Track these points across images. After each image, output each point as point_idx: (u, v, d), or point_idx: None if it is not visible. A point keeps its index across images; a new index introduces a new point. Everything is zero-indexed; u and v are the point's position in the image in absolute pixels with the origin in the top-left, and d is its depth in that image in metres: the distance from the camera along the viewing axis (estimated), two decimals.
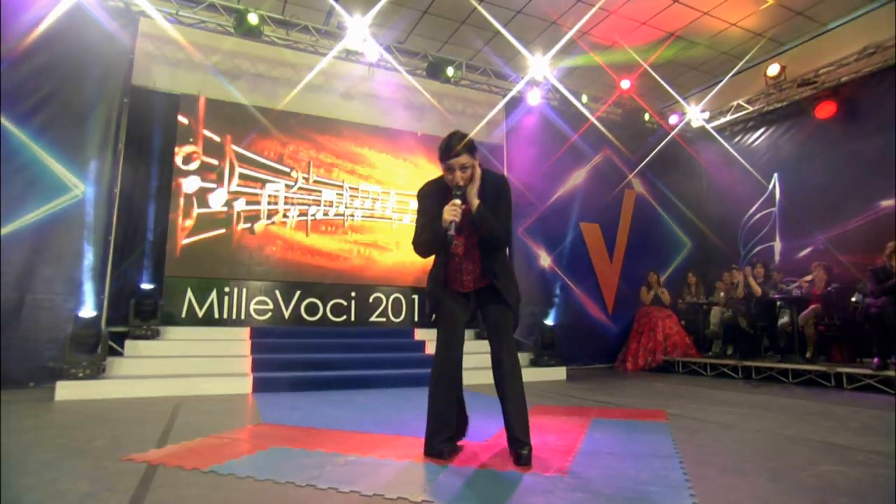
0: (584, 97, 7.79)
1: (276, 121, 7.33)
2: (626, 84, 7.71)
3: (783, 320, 6.25)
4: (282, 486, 2.09)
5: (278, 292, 7.20)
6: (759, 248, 7.69)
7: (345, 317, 7.53)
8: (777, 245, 7.46)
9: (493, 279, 2.56)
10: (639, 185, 8.45)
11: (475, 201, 2.47)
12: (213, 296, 6.81)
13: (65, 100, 5.37)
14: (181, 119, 6.88)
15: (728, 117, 8.21)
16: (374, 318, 7.68)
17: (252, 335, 6.00)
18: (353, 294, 7.63)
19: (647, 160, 8.29)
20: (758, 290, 6.18)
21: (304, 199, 7.48)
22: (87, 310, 4.82)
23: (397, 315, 7.82)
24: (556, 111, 7.80)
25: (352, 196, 7.76)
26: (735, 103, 8.04)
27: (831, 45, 6.94)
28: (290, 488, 2.06)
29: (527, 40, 7.13)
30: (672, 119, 8.29)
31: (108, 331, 5.00)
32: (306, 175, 7.52)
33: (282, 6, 6.71)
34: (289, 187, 7.38)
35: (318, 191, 7.57)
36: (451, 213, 2.38)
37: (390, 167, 7.96)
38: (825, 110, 7.00)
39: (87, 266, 5.12)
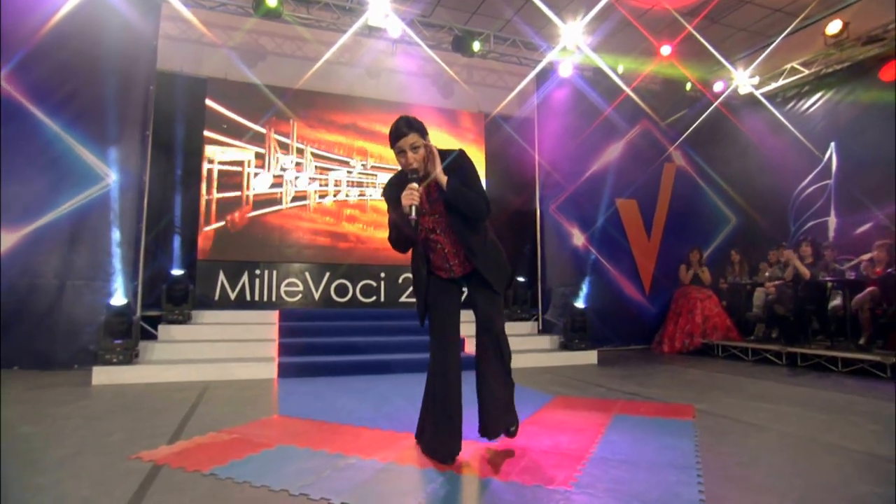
0: (620, 67, 7.33)
1: (302, 101, 7.29)
2: (666, 50, 7.19)
3: (835, 302, 5.80)
4: (275, 493, 2.07)
5: (308, 274, 7.29)
6: (811, 224, 7.14)
7: (374, 297, 7.56)
8: (832, 221, 6.90)
9: (473, 258, 2.48)
10: (679, 159, 7.98)
11: (443, 178, 2.37)
12: (245, 279, 6.96)
13: (93, 90, 5.45)
14: (209, 102, 6.94)
15: (780, 82, 7.56)
16: (403, 299, 7.69)
17: (281, 318, 6.09)
18: (383, 275, 7.64)
19: (688, 132, 7.79)
20: (806, 272, 5.74)
21: (331, 179, 7.46)
22: (118, 298, 4.98)
23: None
24: (590, 82, 7.38)
25: (349, 172, 7.66)
26: (788, 66, 7.39)
27: None
28: (283, 497, 2.04)
29: (559, 7, 6.72)
30: (717, 86, 7.71)
31: (139, 318, 5.17)
32: (334, 155, 7.49)
33: None
34: (317, 168, 7.37)
35: (345, 171, 7.53)
36: (409, 197, 2.30)
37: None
38: (892, 71, 6.32)
39: (117, 254, 5.27)
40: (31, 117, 5.27)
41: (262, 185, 7.10)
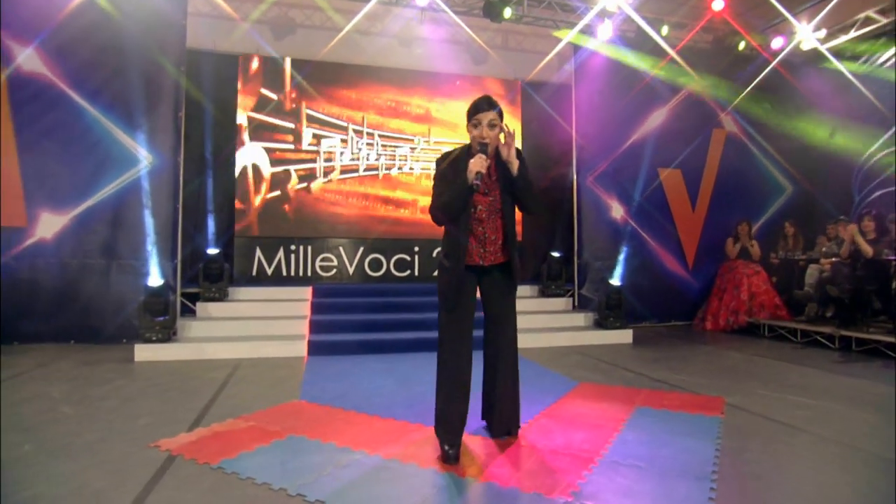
0: (665, 28, 6.78)
1: (331, 73, 7.21)
2: (718, 4, 6.57)
3: None
4: (274, 493, 2.11)
5: (342, 249, 7.36)
6: (878, 194, 6.53)
7: (408, 272, 7.58)
8: None
9: (510, 246, 2.59)
10: (730, 124, 7.41)
11: (515, 161, 2.46)
12: (281, 254, 7.11)
13: (126, 75, 5.55)
14: (240, 79, 6.97)
15: (850, 34, 6.79)
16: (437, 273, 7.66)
17: (314, 295, 6.20)
18: (417, 249, 7.62)
19: (742, 95, 7.19)
20: (868, 250, 5.26)
21: (363, 153, 7.42)
22: (155, 278, 5.19)
23: None
24: (631, 45, 6.89)
25: (412, 147, 7.58)
26: (861, 16, 6.61)
27: None
28: (281, 497, 2.08)
29: None
30: (775, 42, 7.02)
31: (178, 296, 5.39)
32: (366, 129, 7.42)
33: None
34: (344, 142, 7.34)
35: (378, 144, 7.46)
36: (479, 164, 2.35)
37: (451, 115, 7.64)
38: None
39: (153, 235, 5.48)
40: (72, 103, 5.46)
41: (297, 160, 7.15)
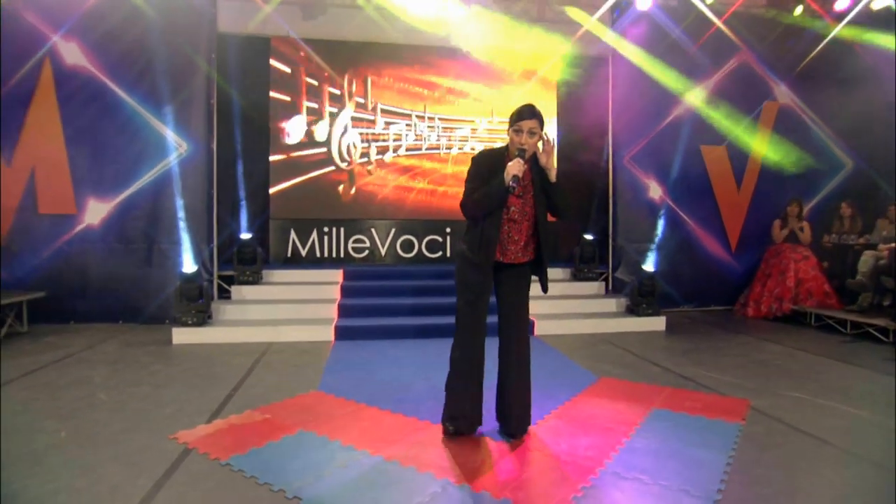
0: None
1: (362, 53, 7.13)
2: None
3: None
4: (273, 494, 2.20)
5: (374, 230, 7.42)
6: None
7: (440, 252, 7.58)
8: None
9: (542, 249, 2.73)
10: (784, 96, 6.86)
11: (554, 168, 2.62)
12: (314, 236, 7.24)
13: (160, 65, 5.71)
14: (273, 62, 7.01)
15: None
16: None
17: (344, 277, 6.31)
18: (449, 230, 7.58)
19: (801, 64, 6.63)
20: None
21: (396, 134, 7.37)
22: (188, 265, 5.42)
23: None
24: (674, 14, 6.43)
25: (445, 128, 7.47)
26: None
27: None
28: (279, 499, 2.16)
29: None
30: (839, 3, 6.37)
31: (210, 282, 5.63)
32: (397, 108, 7.35)
33: None
34: (374, 122, 7.30)
35: (411, 125, 7.39)
36: (516, 167, 2.49)
37: (484, 93, 7.46)
38: None
39: (190, 220, 5.70)
40: (112, 95, 5.69)
41: (328, 140, 7.19)
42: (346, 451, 2.60)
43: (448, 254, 7.56)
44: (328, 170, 7.19)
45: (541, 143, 2.58)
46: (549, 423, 3.01)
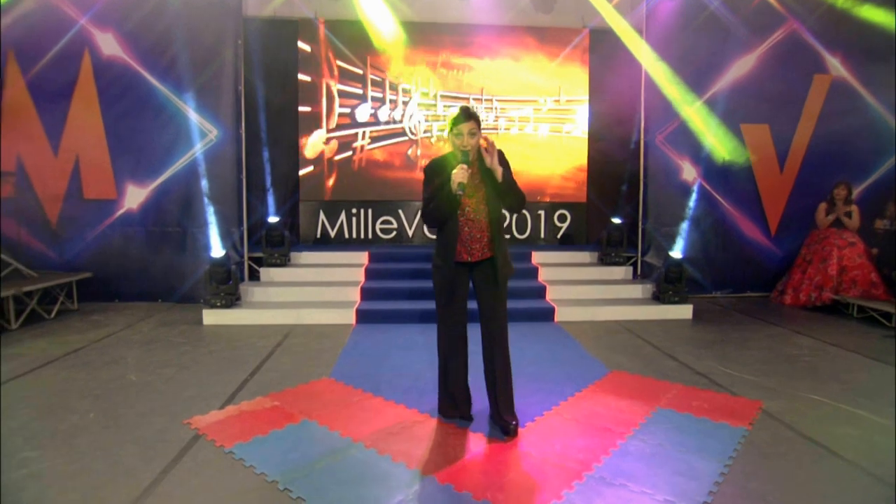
0: None
1: (399, 34, 7.05)
2: None
3: None
4: (267, 485, 2.33)
5: (401, 211, 7.49)
6: None
7: None
8: None
9: (495, 245, 2.81)
10: (838, 68, 6.34)
11: (499, 169, 2.69)
12: (343, 217, 7.39)
13: (189, 53, 5.87)
14: (301, 45, 7.07)
15: None
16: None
17: (370, 259, 6.43)
18: None
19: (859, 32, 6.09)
20: None
21: (408, 113, 7.33)
22: (217, 250, 5.65)
23: (521, 232, 7.61)
24: None
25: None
26: None
27: None
28: (270, 490, 2.29)
29: None
30: None
31: (238, 266, 5.86)
32: (427, 90, 7.29)
33: None
34: (403, 104, 7.27)
35: (439, 105, 7.33)
36: (461, 175, 2.61)
37: (516, 71, 7.29)
38: None
39: (219, 205, 5.92)
40: (146, 83, 5.91)
41: (361, 120, 7.24)
42: (343, 444, 2.71)
43: None
44: (349, 153, 7.27)
45: (483, 141, 2.72)
46: (547, 421, 3.02)
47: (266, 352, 4.31)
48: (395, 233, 7.49)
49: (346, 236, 7.39)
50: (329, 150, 7.22)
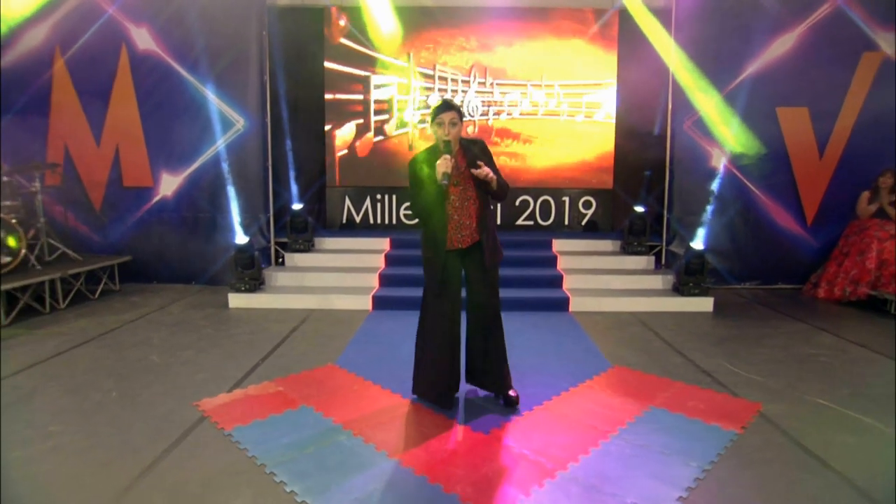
0: None
1: (415, 18, 7.04)
2: None
3: None
4: (255, 468, 2.50)
5: None
6: None
7: None
8: None
9: (482, 231, 2.93)
10: (890, 45, 5.87)
11: (493, 178, 2.82)
12: (367, 203, 7.52)
13: (216, 44, 6.08)
14: (326, 32, 7.15)
15: None
16: (520, 222, 7.57)
17: (391, 245, 6.56)
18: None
19: None
20: None
21: (430, 99, 7.31)
22: (241, 236, 5.91)
23: (545, 218, 7.54)
24: None
25: (503, 93, 7.29)
26: None
27: None
28: (258, 473, 2.46)
29: None
30: None
31: (264, 250, 6.11)
32: (453, 73, 7.26)
33: None
34: (429, 90, 7.27)
35: (465, 91, 7.29)
36: (444, 165, 2.72)
37: (546, 54, 7.14)
38: None
39: (245, 192, 6.17)
40: (177, 75, 6.18)
41: (370, 112, 7.31)
42: (334, 431, 2.86)
43: (499, 221, 7.54)
44: (380, 138, 7.35)
45: (481, 171, 2.80)
46: (535, 415, 3.07)
47: (281, 337, 4.52)
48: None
49: (371, 222, 7.53)
50: (359, 138, 7.31)
